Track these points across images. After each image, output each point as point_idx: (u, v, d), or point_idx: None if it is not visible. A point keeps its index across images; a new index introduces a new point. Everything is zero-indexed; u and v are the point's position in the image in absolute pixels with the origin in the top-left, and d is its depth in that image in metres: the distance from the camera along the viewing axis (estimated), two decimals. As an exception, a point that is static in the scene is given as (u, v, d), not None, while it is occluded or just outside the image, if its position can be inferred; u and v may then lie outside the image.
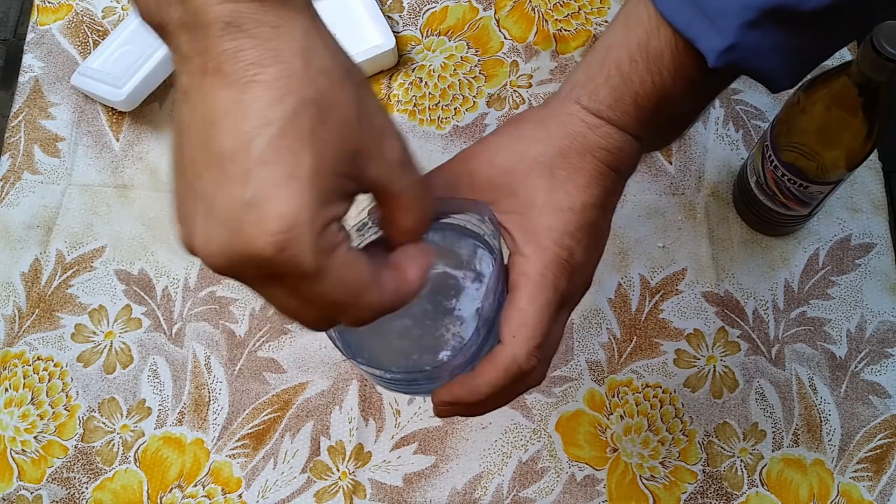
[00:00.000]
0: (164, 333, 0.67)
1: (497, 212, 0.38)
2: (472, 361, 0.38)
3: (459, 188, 0.39)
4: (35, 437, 0.64)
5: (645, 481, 0.62)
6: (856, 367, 0.65)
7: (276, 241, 0.28)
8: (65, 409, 0.65)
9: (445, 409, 0.38)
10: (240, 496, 0.62)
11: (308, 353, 0.66)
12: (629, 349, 0.66)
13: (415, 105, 0.74)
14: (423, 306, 0.40)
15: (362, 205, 0.36)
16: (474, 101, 0.74)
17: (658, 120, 0.38)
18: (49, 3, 0.78)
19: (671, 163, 0.72)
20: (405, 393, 0.44)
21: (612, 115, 0.37)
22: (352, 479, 0.62)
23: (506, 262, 0.38)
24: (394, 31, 0.75)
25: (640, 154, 0.40)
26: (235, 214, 0.28)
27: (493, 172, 0.38)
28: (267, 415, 0.64)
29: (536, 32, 0.77)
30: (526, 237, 0.37)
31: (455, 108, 0.74)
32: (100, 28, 0.77)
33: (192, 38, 0.29)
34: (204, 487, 0.62)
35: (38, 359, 0.66)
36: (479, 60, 0.76)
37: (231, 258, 0.29)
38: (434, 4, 0.78)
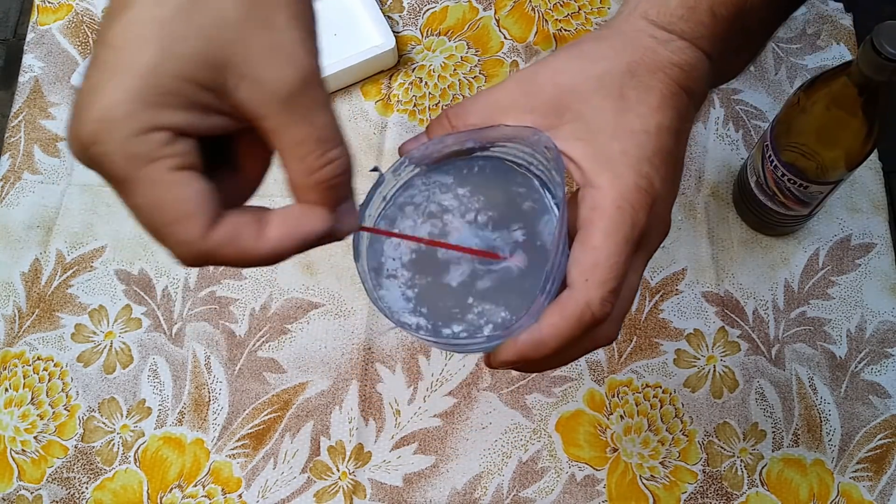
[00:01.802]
0: (164, 333, 0.67)
1: (557, 140, 0.34)
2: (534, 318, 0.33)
3: (513, 113, 0.34)
4: (35, 437, 0.64)
5: (645, 481, 0.62)
6: (856, 367, 0.65)
7: (89, 133, 0.26)
8: (65, 409, 0.65)
9: (504, 366, 0.34)
10: (240, 496, 0.62)
11: (308, 353, 0.66)
12: (629, 349, 0.66)
13: (415, 105, 0.74)
14: (472, 260, 0.36)
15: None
16: (474, 101, 0.74)
17: (732, 35, 0.35)
18: (49, 3, 0.78)
19: (671, 163, 0.71)
20: (457, 353, 0.41)
21: (685, 28, 0.34)
22: (352, 479, 0.62)
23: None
24: (394, 31, 0.75)
25: (711, 78, 0.36)
26: (77, 100, 0.27)
27: (554, 93, 0.34)
28: (267, 415, 0.64)
29: (536, 32, 0.77)
30: (597, 166, 0.33)
31: (455, 108, 0.74)
32: (100, 28, 0.77)
33: None
34: (204, 487, 0.62)
35: (38, 359, 0.66)
36: (479, 60, 0.76)
37: (71, 147, 0.27)
38: (434, 4, 0.78)
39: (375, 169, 0.36)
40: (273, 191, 0.73)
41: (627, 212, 0.32)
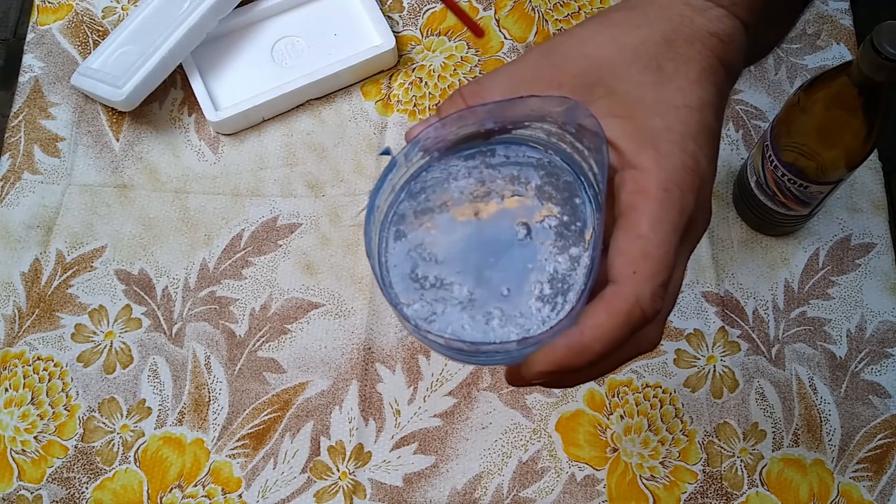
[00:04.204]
0: (164, 333, 0.67)
1: None
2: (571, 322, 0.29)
3: (537, 88, 0.31)
4: (35, 437, 0.64)
5: (645, 481, 0.62)
6: (856, 367, 0.65)
7: None
8: (65, 409, 0.65)
9: (538, 378, 0.29)
10: (240, 496, 0.62)
11: (308, 353, 0.66)
12: (629, 349, 0.66)
13: (415, 105, 0.74)
14: (496, 254, 0.32)
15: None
16: (474, 101, 0.74)
17: (769, 2, 0.33)
18: (49, 3, 0.79)
19: (671, 163, 0.71)
20: (479, 365, 0.35)
21: None
22: (352, 479, 0.62)
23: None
24: (394, 31, 0.75)
25: (746, 54, 0.33)
26: None
27: (584, 65, 0.31)
28: (267, 415, 0.64)
29: (536, 32, 0.77)
30: (638, 145, 0.30)
31: (455, 108, 0.74)
32: (100, 28, 0.77)
33: None
34: (204, 487, 0.62)
35: (38, 359, 0.66)
36: (479, 60, 0.76)
37: None
38: (434, 4, 0.78)
39: (386, 152, 0.33)
40: (273, 191, 0.73)
41: (676, 195, 0.29)
